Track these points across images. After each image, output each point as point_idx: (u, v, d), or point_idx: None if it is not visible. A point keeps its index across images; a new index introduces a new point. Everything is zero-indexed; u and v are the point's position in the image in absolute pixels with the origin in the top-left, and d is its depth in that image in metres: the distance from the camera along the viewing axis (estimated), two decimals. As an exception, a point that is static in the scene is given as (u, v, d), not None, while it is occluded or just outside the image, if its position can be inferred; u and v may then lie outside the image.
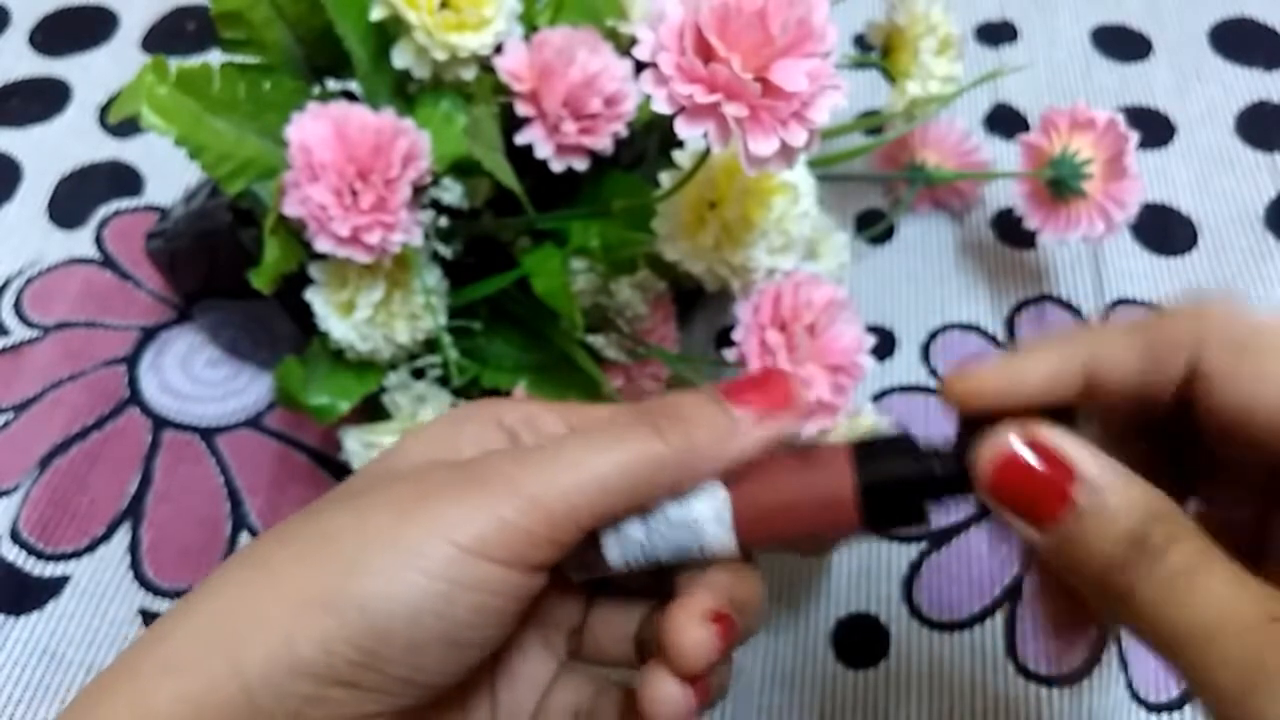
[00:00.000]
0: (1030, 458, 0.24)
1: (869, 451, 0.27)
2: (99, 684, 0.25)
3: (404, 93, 0.44)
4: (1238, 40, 0.72)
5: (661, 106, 0.32)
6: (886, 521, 0.27)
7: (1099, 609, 0.29)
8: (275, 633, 0.24)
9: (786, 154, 0.33)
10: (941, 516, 0.51)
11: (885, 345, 0.58)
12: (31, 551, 0.51)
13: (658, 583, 0.29)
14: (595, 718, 0.29)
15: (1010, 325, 0.59)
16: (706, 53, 0.31)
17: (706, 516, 0.27)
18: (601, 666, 0.31)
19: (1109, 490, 0.24)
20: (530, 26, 0.44)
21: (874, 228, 0.62)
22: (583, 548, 0.27)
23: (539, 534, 0.25)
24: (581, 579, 0.29)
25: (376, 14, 0.42)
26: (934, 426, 0.54)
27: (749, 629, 0.28)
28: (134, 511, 0.53)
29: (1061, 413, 0.26)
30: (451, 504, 0.25)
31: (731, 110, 0.31)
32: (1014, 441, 0.25)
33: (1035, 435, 0.25)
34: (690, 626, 0.26)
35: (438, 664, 0.25)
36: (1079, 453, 0.24)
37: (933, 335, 0.58)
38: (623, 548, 0.27)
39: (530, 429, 0.29)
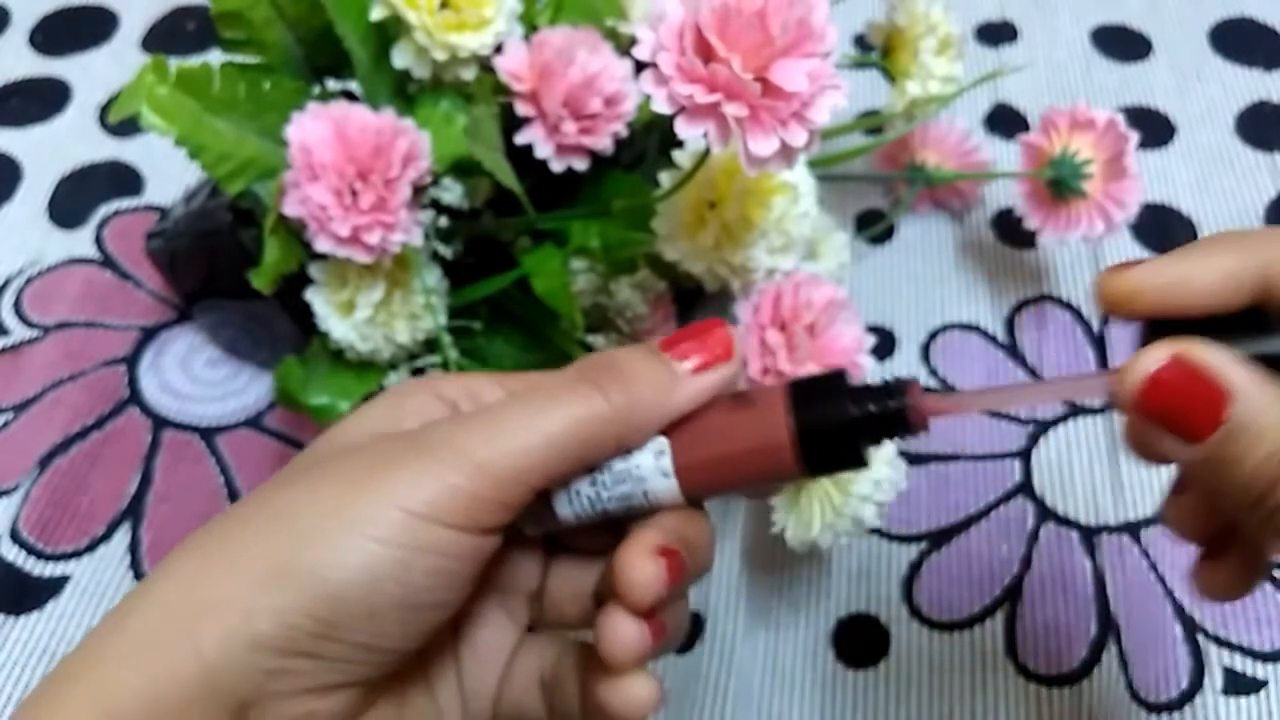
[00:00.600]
0: (1181, 376, 0.24)
1: (804, 394, 0.27)
2: (61, 671, 0.25)
3: (404, 93, 0.44)
4: (1238, 40, 0.72)
5: (661, 106, 0.32)
6: (825, 466, 0.27)
7: (1249, 526, 0.28)
8: (232, 609, 0.24)
9: (786, 154, 0.33)
10: (940, 516, 0.51)
11: (885, 345, 0.58)
12: (31, 551, 0.51)
13: (614, 540, 0.29)
14: (560, 678, 0.29)
15: (1010, 325, 0.59)
16: (706, 53, 0.31)
17: (649, 466, 0.27)
18: (563, 629, 0.31)
19: (1262, 409, 0.23)
20: (530, 26, 0.45)
21: (874, 228, 0.62)
22: (535, 504, 0.27)
23: (487, 498, 0.25)
24: (536, 533, 0.30)
25: (376, 14, 0.42)
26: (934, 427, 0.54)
27: (699, 568, 0.28)
28: (134, 511, 0.53)
29: (1250, 314, 0.25)
30: (400, 472, 0.25)
31: (731, 110, 0.31)
32: (1163, 360, 0.24)
33: (1187, 352, 0.24)
34: (640, 561, 0.26)
35: (398, 629, 0.26)
36: (1232, 371, 0.24)
37: (933, 335, 0.58)
38: (571, 503, 0.28)
39: (470, 399, 0.29)
